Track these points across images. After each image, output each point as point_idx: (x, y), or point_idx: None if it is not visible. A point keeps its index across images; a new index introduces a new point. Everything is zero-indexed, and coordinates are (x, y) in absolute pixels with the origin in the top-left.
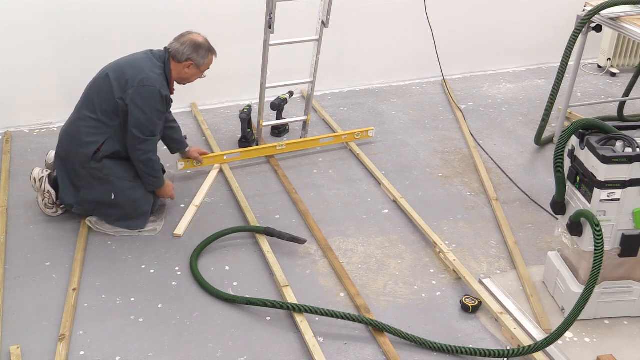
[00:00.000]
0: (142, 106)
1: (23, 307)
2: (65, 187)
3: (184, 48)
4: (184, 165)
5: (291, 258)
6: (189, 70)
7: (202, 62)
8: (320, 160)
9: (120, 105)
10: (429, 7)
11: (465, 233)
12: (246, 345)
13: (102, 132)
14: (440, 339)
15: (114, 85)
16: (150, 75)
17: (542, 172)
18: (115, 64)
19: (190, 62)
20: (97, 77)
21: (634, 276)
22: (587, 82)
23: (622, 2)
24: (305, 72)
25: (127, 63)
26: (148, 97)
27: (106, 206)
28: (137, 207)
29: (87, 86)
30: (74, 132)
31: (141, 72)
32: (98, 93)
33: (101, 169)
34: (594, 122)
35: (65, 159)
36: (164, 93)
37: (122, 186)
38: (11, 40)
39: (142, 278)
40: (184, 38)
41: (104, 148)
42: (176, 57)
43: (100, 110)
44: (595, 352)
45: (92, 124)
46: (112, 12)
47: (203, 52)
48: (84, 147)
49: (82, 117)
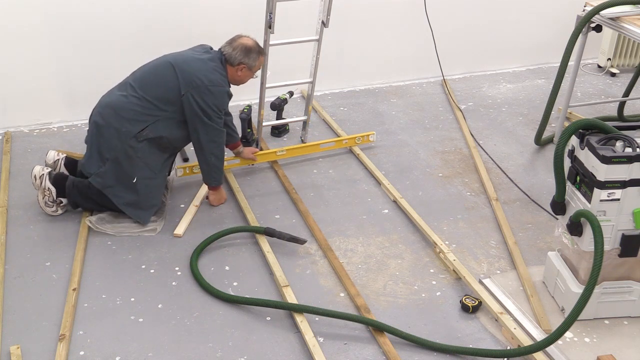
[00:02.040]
0: (212, 104)
1: (23, 307)
2: (91, 156)
3: (236, 53)
4: (183, 172)
5: (291, 258)
6: (241, 73)
7: (254, 64)
8: (320, 160)
9: (184, 99)
10: (429, 7)
11: (465, 233)
12: (246, 345)
13: (151, 114)
14: (440, 339)
15: (179, 78)
16: (219, 77)
17: (542, 172)
18: (180, 57)
19: (242, 65)
20: (158, 63)
21: (634, 276)
22: (587, 82)
23: (622, 2)
24: (305, 72)
25: (192, 60)
26: (219, 96)
27: (123, 187)
28: (149, 198)
29: (145, 69)
30: (120, 107)
31: (211, 72)
32: (158, 79)
33: (136, 150)
34: (594, 122)
35: (105, 127)
36: (230, 93)
37: (146, 173)
38: (11, 40)
39: (142, 278)
40: (235, 43)
41: (148, 130)
42: (229, 61)
43: (155, 95)
44: (595, 352)
45: (143, 104)
46: (112, 13)
47: (254, 55)
48: (131, 123)
49: (133, 95)
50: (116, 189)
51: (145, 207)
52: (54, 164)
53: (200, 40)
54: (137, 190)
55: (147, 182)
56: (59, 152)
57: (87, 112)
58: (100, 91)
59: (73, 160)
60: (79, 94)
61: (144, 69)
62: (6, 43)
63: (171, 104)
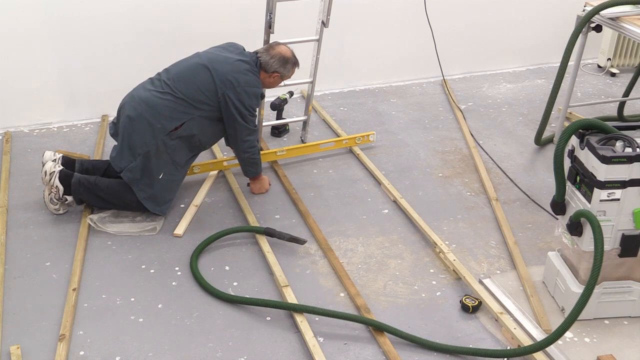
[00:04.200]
0: (247, 105)
1: (23, 307)
2: (123, 150)
3: (273, 61)
4: None
5: (291, 258)
6: (273, 79)
7: (288, 74)
8: (320, 160)
9: (220, 100)
10: (429, 7)
11: (465, 233)
12: (246, 345)
13: (186, 112)
14: (440, 339)
15: (215, 80)
16: (253, 79)
17: (542, 172)
18: (214, 58)
19: (277, 74)
20: (191, 63)
21: (634, 276)
22: (587, 82)
23: (622, 2)
24: (305, 72)
25: (227, 61)
26: (253, 97)
27: (148, 181)
28: (168, 193)
29: (180, 68)
30: (156, 104)
31: (245, 73)
32: (195, 80)
33: (168, 147)
34: (594, 122)
35: (138, 122)
36: (263, 94)
37: (172, 169)
38: (11, 41)
39: (142, 278)
40: (273, 51)
41: (183, 128)
42: (265, 67)
43: (190, 95)
44: (595, 352)
45: (179, 102)
46: (112, 13)
47: (289, 67)
48: (166, 120)
49: (169, 92)
50: (140, 182)
51: (162, 202)
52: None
53: (200, 41)
54: (161, 185)
55: (169, 178)
56: (56, 152)
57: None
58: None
59: (70, 161)
60: (79, 94)
61: (179, 68)
62: (6, 43)
63: (207, 104)
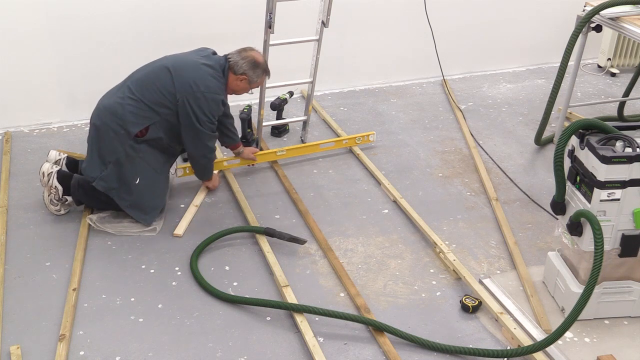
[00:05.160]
0: (207, 111)
1: (23, 307)
2: (92, 159)
3: (243, 62)
4: (183, 173)
5: (291, 258)
6: (241, 83)
7: (256, 80)
8: (320, 160)
9: (179, 103)
10: (428, 7)
11: (465, 233)
12: (246, 345)
13: (148, 116)
14: (440, 339)
15: (175, 83)
16: (214, 84)
17: (542, 172)
18: (178, 61)
19: (245, 76)
20: (155, 66)
21: (634, 276)
22: (587, 82)
23: (622, 2)
24: (305, 72)
25: (190, 65)
26: (212, 103)
27: (126, 188)
28: (153, 198)
29: (143, 71)
30: (118, 110)
31: (205, 78)
32: (155, 83)
33: (137, 150)
34: (594, 122)
35: (103, 130)
36: (225, 101)
37: (149, 174)
38: (11, 41)
39: (142, 278)
40: (245, 53)
41: (149, 133)
42: (234, 68)
43: (151, 98)
44: (595, 352)
45: (140, 106)
46: (112, 13)
47: (259, 72)
48: (128, 125)
49: (130, 97)
50: (120, 190)
51: (148, 209)
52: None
53: (201, 41)
54: (141, 191)
55: (149, 183)
56: (61, 152)
57: (87, 112)
58: (100, 91)
59: (74, 161)
60: (79, 94)
61: (142, 71)
62: (6, 43)
63: (167, 107)
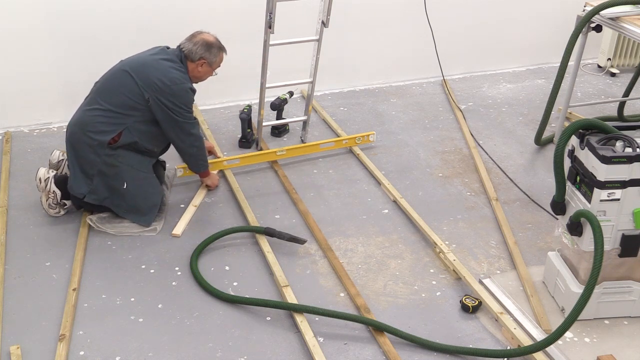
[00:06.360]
0: (180, 103)
1: (23, 307)
2: (76, 176)
3: (196, 48)
4: (183, 172)
5: (291, 258)
6: (202, 68)
7: (214, 60)
8: (320, 160)
9: (150, 103)
10: (429, 7)
11: (465, 233)
12: (246, 345)
13: (118, 122)
14: (440, 339)
15: (139, 84)
16: (178, 75)
17: (542, 172)
18: (135, 62)
19: (203, 60)
20: (114, 71)
21: (634, 276)
22: (587, 82)
23: (622, 2)
24: (305, 72)
25: (149, 63)
26: (182, 93)
27: (118, 195)
28: (147, 198)
29: (102, 80)
30: (86, 122)
31: (168, 72)
32: (117, 88)
33: (115, 157)
34: (594, 122)
35: (78, 147)
36: (193, 88)
37: (134, 175)
38: (11, 40)
39: (142, 278)
40: (195, 38)
41: (122, 138)
42: (190, 56)
43: (117, 103)
44: (595, 352)
45: (108, 114)
46: (112, 12)
47: (215, 51)
48: (99, 135)
49: (96, 107)
50: (112, 198)
51: (145, 210)
52: (57, 164)
53: None
54: (132, 194)
55: (139, 183)
56: (63, 153)
57: None
58: None
59: None
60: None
61: (103, 79)
62: (6, 43)
63: (136, 109)
